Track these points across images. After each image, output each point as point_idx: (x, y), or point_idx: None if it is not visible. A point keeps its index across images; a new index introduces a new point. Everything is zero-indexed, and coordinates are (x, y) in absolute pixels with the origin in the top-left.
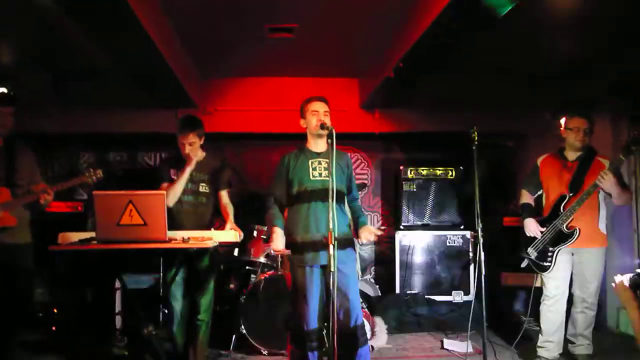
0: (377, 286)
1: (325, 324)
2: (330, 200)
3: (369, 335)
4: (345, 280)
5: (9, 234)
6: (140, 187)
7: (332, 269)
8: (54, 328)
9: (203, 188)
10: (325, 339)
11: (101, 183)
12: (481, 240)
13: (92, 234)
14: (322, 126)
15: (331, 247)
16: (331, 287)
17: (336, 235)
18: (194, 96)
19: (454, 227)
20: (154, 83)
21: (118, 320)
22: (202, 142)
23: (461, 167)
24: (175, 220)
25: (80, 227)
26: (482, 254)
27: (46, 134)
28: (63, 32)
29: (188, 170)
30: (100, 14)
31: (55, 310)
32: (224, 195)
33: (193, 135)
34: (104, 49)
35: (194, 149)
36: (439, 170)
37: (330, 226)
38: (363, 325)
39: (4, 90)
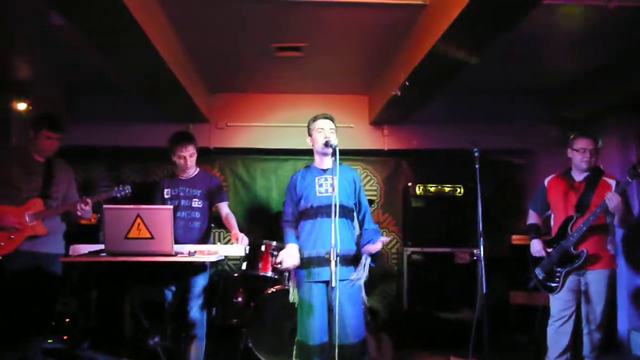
0: (385, 302)
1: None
2: (333, 216)
3: (374, 352)
4: (348, 296)
5: (41, 242)
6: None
7: (333, 285)
8: (65, 337)
9: (196, 203)
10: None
11: (129, 197)
12: (482, 259)
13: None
14: (327, 143)
15: (332, 263)
16: (333, 303)
17: (340, 252)
18: (205, 111)
19: (462, 244)
20: (165, 98)
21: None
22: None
23: (469, 185)
24: None
25: (95, 239)
26: (483, 272)
27: (61, 148)
28: (77, 50)
29: None
30: (109, 31)
31: (67, 320)
32: (223, 206)
33: (192, 147)
34: (114, 64)
35: (193, 161)
36: (447, 187)
37: (332, 242)
38: (364, 342)
39: (56, 115)
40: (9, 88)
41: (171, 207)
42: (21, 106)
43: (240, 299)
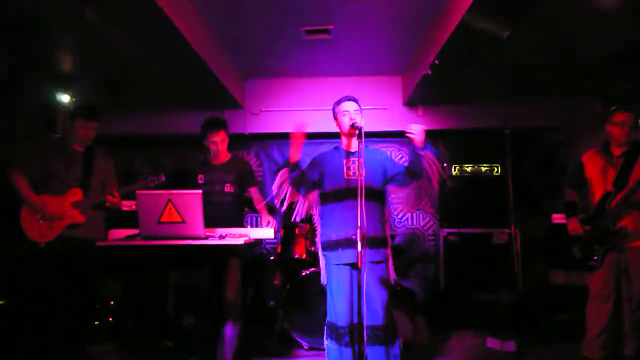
0: (422, 283)
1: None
2: (359, 199)
3: (410, 333)
4: (376, 279)
5: (81, 229)
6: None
7: (359, 267)
8: (110, 319)
9: (229, 188)
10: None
11: (163, 186)
12: (515, 238)
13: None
14: (353, 125)
15: (359, 244)
16: (360, 285)
17: (367, 234)
18: (239, 97)
19: (499, 224)
20: (198, 86)
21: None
22: (228, 141)
23: (506, 163)
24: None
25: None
26: (516, 252)
27: (101, 138)
28: (114, 42)
29: None
30: (140, 23)
31: (112, 303)
32: (254, 192)
33: (223, 133)
34: (147, 55)
35: (224, 146)
36: (484, 167)
37: (359, 224)
38: (388, 325)
39: (91, 105)
40: (53, 81)
41: (200, 191)
42: (65, 99)
43: (276, 282)
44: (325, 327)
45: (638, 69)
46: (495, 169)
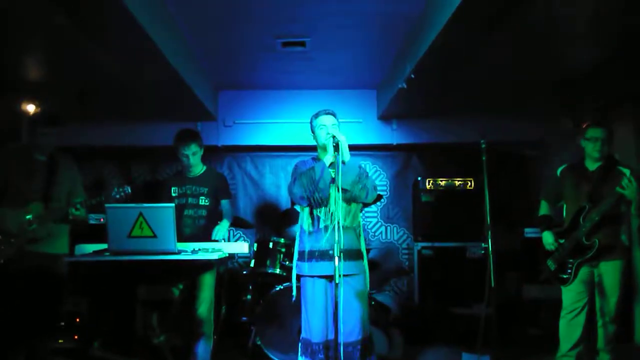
0: (396, 298)
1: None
2: (336, 210)
3: (385, 348)
4: (352, 292)
5: (44, 244)
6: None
7: (336, 281)
8: (75, 337)
9: (203, 201)
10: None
11: (129, 199)
12: (491, 252)
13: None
14: (334, 139)
15: (336, 258)
16: (336, 299)
17: (344, 246)
18: (212, 109)
19: (473, 238)
20: (171, 97)
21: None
22: (202, 153)
23: (480, 178)
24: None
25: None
26: (491, 266)
27: (70, 147)
28: (83, 49)
29: None
30: (111, 30)
31: (77, 320)
32: (224, 203)
33: (195, 146)
34: (117, 64)
35: (196, 159)
36: (458, 181)
37: (336, 237)
38: (365, 340)
39: (50, 112)
40: (18, 90)
41: (173, 205)
42: (30, 108)
43: (249, 297)
44: (299, 344)
45: (611, 84)
46: (469, 183)
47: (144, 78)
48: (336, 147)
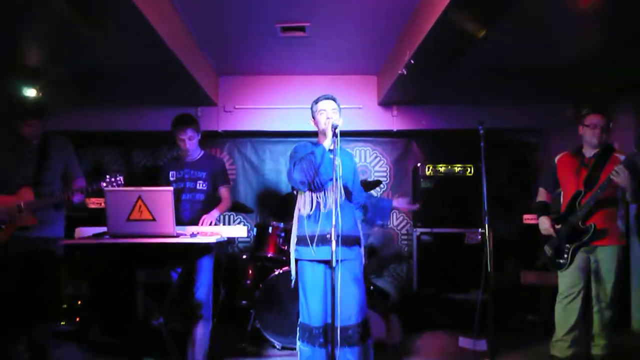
0: (395, 283)
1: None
2: (335, 196)
3: (383, 333)
4: (349, 277)
5: (35, 230)
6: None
7: (333, 265)
8: (77, 319)
9: (200, 186)
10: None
11: (122, 186)
12: (489, 238)
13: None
14: (333, 126)
15: (333, 242)
16: (333, 283)
17: (342, 232)
18: (212, 94)
19: (472, 224)
20: (171, 82)
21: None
22: (199, 138)
23: (480, 164)
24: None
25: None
26: (489, 252)
27: (72, 133)
28: (82, 33)
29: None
30: (109, 15)
31: (79, 302)
32: (222, 190)
33: (191, 130)
34: (115, 48)
35: (193, 144)
36: (458, 167)
37: (333, 222)
38: (362, 324)
39: (32, 101)
40: (19, 74)
41: (171, 188)
42: (31, 92)
43: (248, 281)
44: (297, 328)
45: (610, 73)
46: (469, 170)
47: (144, 63)
48: (336, 134)
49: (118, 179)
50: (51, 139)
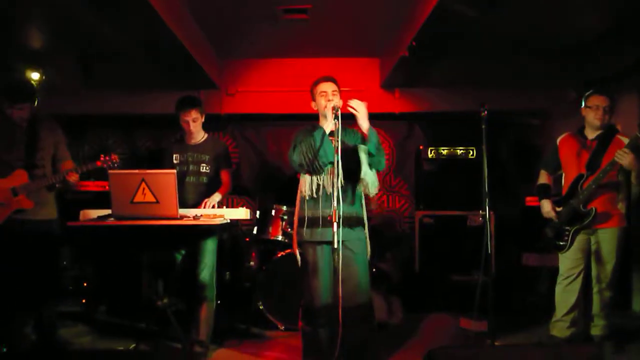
0: (397, 265)
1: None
2: (336, 178)
3: (385, 314)
4: (352, 258)
5: (30, 212)
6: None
7: (335, 246)
8: (83, 300)
9: (204, 169)
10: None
11: (118, 166)
12: (490, 220)
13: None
14: (334, 108)
15: (335, 224)
16: (336, 265)
17: (344, 213)
18: (215, 77)
19: (474, 207)
20: (173, 65)
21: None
22: (203, 120)
23: (482, 147)
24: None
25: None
26: (489, 233)
27: (75, 116)
28: (84, 16)
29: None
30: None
31: (85, 284)
32: (224, 173)
33: (195, 112)
34: (121, 32)
35: (197, 126)
36: (460, 149)
37: (334, 204)
38: (366, 305)
39: (17, 84)
40: (22, 57)
41: (174, 171)
42: (34, 75)
43: (252, 263)
44: (300, 309)
45: (615, 54)
46: (471, 152)
47: (146, 46)
48: (337, 115)
49: (113, 157)
50: (41, 122)
